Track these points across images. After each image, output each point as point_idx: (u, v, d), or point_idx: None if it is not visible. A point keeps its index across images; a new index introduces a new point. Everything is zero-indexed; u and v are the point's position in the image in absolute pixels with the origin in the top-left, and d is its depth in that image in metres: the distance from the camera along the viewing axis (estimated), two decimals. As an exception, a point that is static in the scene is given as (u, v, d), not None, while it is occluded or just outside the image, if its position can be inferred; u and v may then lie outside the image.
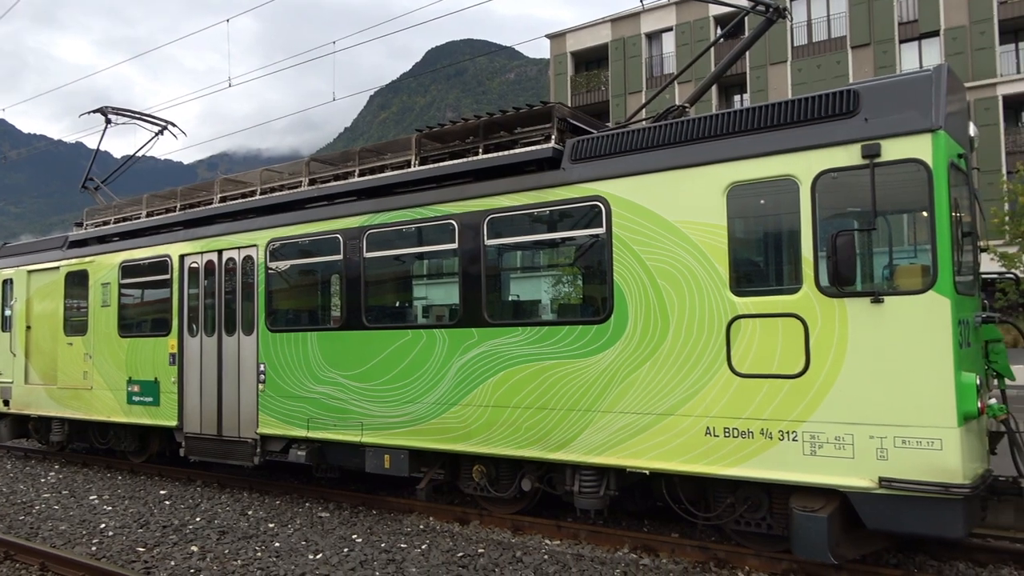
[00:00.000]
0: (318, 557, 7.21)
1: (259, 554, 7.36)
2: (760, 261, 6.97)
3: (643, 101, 9.11)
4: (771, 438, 6.02)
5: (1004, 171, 32.76)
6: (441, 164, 8.44)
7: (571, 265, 8.38)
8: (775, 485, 6.18)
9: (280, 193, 10.12)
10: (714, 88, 39.83)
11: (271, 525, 8.49)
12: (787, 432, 5.94)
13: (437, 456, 8.34)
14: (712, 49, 31.69)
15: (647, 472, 6.74)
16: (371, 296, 8.92)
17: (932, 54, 35.77)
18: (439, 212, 8.18)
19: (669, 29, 42.85)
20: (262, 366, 9.65)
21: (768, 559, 6.56)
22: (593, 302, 7.61)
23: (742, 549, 6.72)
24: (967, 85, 33.64)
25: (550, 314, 8.15)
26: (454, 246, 8.05)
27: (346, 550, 7.40)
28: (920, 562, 6.67)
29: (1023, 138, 34.28)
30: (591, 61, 46.60)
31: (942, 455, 5.34)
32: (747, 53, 40.78)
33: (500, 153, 7.97)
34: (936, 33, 35.79)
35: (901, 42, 36.74)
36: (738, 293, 6.28)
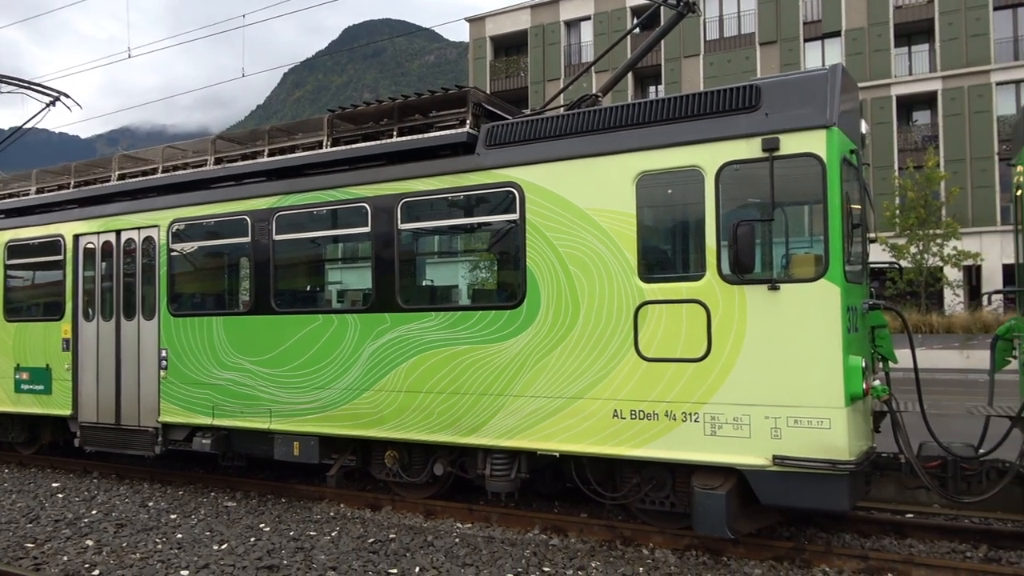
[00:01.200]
0: (223, 547, 7.02)
1: (160, 546, 7.10)
2: (667, 249, 7.18)
3: (562, 84, 9.20)
4: (675, 419, 6.24)
5: (896, 167, 34.84)
6: (354, 146, 8.28)
7: (485, 251, 8.41)
8: (678, 465, 6.41)
9: (184, 172, 9.70)
10: (631, 78, 40.69)
11: (173, 516, 8.20)
12: (690, 414, 6.18)
13: (348, 442, 8.25)
14: (628, 39, 32.34)
15: (557, 454, 6.87)
16: (281, 280, 8.70)
17: (834, 53, 37.56)
18: (352, 195, 8.04)
19: (587, 18, 43.34)
20: (164, 352, 9.27)
21: (671, 536, 6.82)
22: (506, 288, 7.67)
23: (647, 527, 6.96)
24: (865, 85, 35.70)
25: (464, 299, 8.16)
26: (367, 230, 7.94)
27: (253, 539, 7.24)
28: (811, 535, 7.07)
29: (914, 136, 36.50)
30: (511, 47, 46.63)
31: (830, 434, 5.67)
32: (662, 45, 41.82)
33: (414, 136, 7.89)
34: (838, 33, 37.59)
35: (806, 41, 38.41)
36: (646, 280, 6.45)
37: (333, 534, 7.38)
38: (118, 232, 9.89)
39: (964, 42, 35.31)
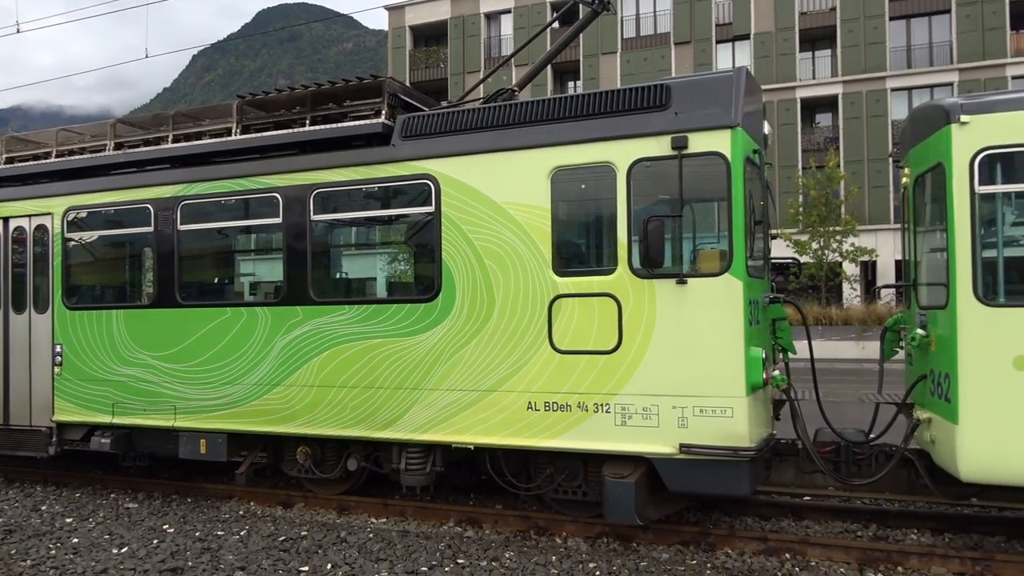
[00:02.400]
0: (123, 551, 6.73)
1: (53, 552, 6.74)
2: (580, 243, 7.30)
3: (481, 78, 9.18)
4: (587, 410, 6.36)
5: (800, 166, 36.48)
6: (265, 134, 8.04)
7: (400, 243, 8.32)
8: (590, 455, 6.55)
9: (81, 157, 9.18)
10: (550, 73, 41.01)
11: (69, 520, 7.79)
12: (601, 404, 6.31)
13: (259, 439, 8.03)
14: (549, 34, 32.52)
15: (472, 447, 6.90)
16: (186, 272, 8.36)
17: (744, 55, 38.94)
18: (262, 184, 7.81)
19: (508, 11, 43.37)
20: (58, 347, 8.77)
21: (583, 524, 6.96)
22: (422, 280, 7.62)
23: (560, 516, 7.08)
24: (772, 87, 37.12)
25: (379, 292, 8.06)
26: (278, 220, 7.73)
27: (156, 541, 6.96)
28: (716, 519, 7.36)
29: (816, 137, 38.30)
30: (430, 37, 46.20)
31: (732, 422, 5.91)
32: (580, 42, 42.25)
33: (328, 126, 7.72)
34: (748, 36, 38.96)
35: (718, 42, 39.65)
36: (560, 273, 6.54)
37: (242, 533, 7.18)
38: (5, 220, 9.29)
39: (863, 49, 37.24)
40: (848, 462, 6.74)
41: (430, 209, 7.05)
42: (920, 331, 6.21)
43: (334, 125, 7.69)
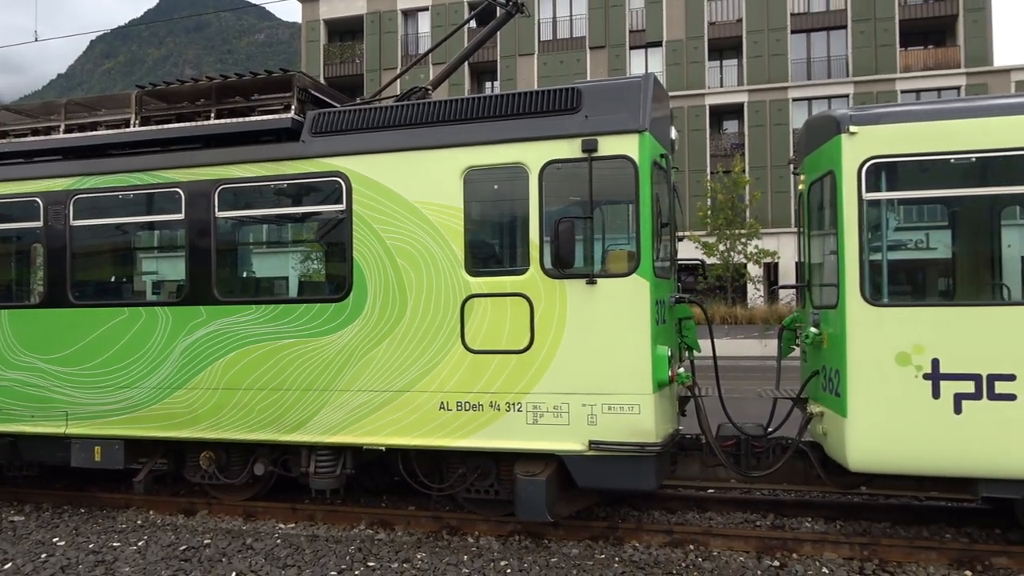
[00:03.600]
0: (6, 567, 6.31)
1: (-74, 571, 6.26)
2: (493, 243, 7.33)
3: (393, 79, 9.08)
4: (499, 410, 6.41)
5: (708, 171, 37.83)
6: (167, 126, 7.70)
7: (310, 241, 8.16)
8: (502, 453, 6.59)
9: (-40, 146, 8.53)
10: (467, 73, 41.03)
11: (-55, 536, 7.25)
12: (513, 403, 6.37)
13: (159, 444, 7.70)
14: (466, 34, 32.52)
15: (384, 448, 6.83)
16: (79, 270, 7.92)
17: (656, 62, 40.06)
18: (163, 179, 7.48)
19: (425, 8, 43.12)
20: (-66, 350, 8.13)
21: (496, 523, 7.00)
22: (332, 280, 7.49)
23: (472, 516, 7.10)
24: (683, 93, 38.30)
25: (287, 291, 7.86)
26: (180, 217, 7.42)
27: (44, 556, 6.57)
28: (624, 513, 7.54)
29: (723, 143, 39.79)
30: (346, 32, 45.40)
31: (639, 418, 6.08)
32: (498, 43, 42.38)
33: (235, 120, 7.47)
34: (660, 44, 40.10)
35: (631, 48, 40.64)
36: (473, 273, 6.56)
37: (140, 544, 6.87)
38: None
39: (767, 60, 38.97)
40: (748, 455, 7.04)
41: (341, 207, 6.93)
42: (813, 329, 6.55)
43: (241, 119, 7.45)
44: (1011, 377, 5.53)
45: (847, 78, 38.10)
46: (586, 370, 6.19)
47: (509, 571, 6.07)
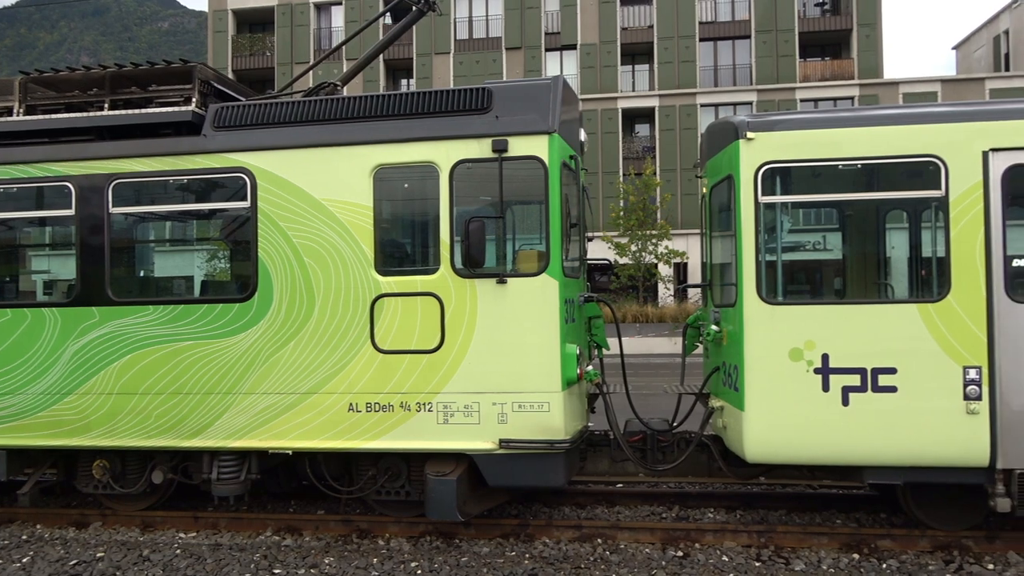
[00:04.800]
0: None
1: None
2: (404, 243, 7.27)
3: (311, 72, 8.86)
4: (409, 410, 6.36)
5: (621, 173, 38.70)
6: (56, 116, 7.26)
7: (212, 239, 7.86)
8: (413, 454, 6.55)
9: None
10: (383, 70, 40.52)
11: None
12: (423, 404, 6.34)
13: (47, 454, 7.26)
14: (381, 28, 32.08)
15: (290, 452, 6.66)
16: (-46, 268, 7.38)
17: (571, 65, 40.68)
18: (51, 172, 7.05)
19: (339, 2, 42.33)
20: None
21: (407, 524, 6.95)
22: (236, 279, 7.25)
23: (383, 518, 7.02)
24: (596, 96, 38.98)
25: (188, 291, 7.55)
26: (70, 213, 7.02)
27: (-87, 577, 6.09)
28: (536, 510, 7.62)
29: (635, 146, 40.80)
30: (256, 23, 44.04)
31: (549, 416, 6.16)
32: (414, 41, 41.93)
33: (132, 111, 7.12)
34: (575, 47, 40.74)
35: (547, 50, 41.13)
36: (383, 272, 6.48)
37: (25, 560, 6.46)
38: None
39: (676, 66, 40.22)
40: (654, 449, 7.26)
41: (245, 204, 6.72)
42: (714, 327, 6.80)
43: (138, 111, 7.10)
44: (892, 371, 5.91)
45: (751, 86, 39.77)
46: (496, 369, 6.22)
47: (420, 572, 6.03)
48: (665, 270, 33.66)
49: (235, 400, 6.65)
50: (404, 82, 42.84)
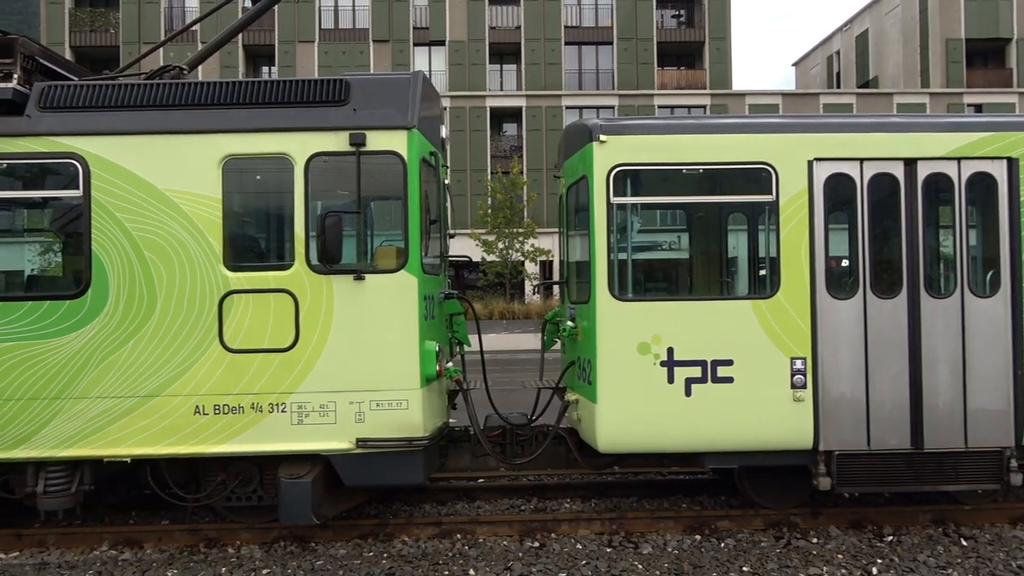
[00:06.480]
0: None
1: None
2: (255, 237, 6.98)
3: (162, 53, 8.26)
4: (261, 411, 6.12)
5: (489, 171, 39.08)
6: None
7: (38, 231, 7.20)
8: (266, 457, 6.30)
9: None
10: (243, 56, 38.66)
11: None
12: (276, 404, 6.11)
13: None
14: (240, 9, 30.54)
15: (129, 460, 6.22)
16: None
17: (440, 61, 40.56)
18: None
19: (193, -18, 39.92)
20: None
21: (259, 531, 6.67)
22: (67, 274, 6.67)
23: (233, 525, 6.71)
24: (465, 94, 39.12)
25: (8, 287, 6.87)
26: None
27: None
28: (396, 509, 7.55)
29: (503, 145, 41.33)
30: (97, -3, 40.71)
31: (407, 413, 6.12)
32: (275, 27, 40.25)
33: (-63, 86, 6.38)
34: (443, 43, 40.66)
35: (415, 45, 40.78)
36: (232, 268, 6.18)
37: None
38: None
39: (543, 68, 41.10)
40: (512, 443, 7.40)
41: (76, 193, 6.19)
42: (570, 323, 7.02)
43: (-53, 86, 6.37)
44: (730, 362, 6.34)
45: (613, 90, 41.33)
46: (353, 367, 6.11)
47: (271, 579, 5.82)
48: (531, 268, 34.37)
49: (65, 405, 6.12)
50: (265, 70, 41.09)
